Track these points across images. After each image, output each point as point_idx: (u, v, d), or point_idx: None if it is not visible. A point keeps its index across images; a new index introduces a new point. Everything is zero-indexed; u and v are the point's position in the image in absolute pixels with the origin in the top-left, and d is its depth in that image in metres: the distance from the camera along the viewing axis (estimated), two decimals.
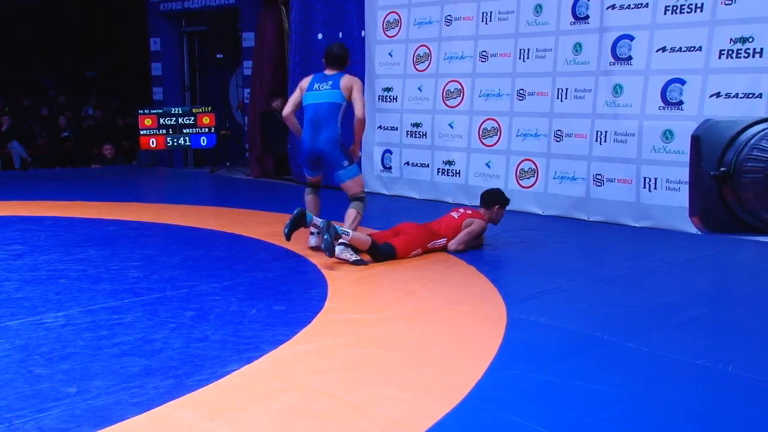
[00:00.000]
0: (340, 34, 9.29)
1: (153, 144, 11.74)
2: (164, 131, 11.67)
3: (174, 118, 11.67)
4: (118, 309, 4.24)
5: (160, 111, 11.83)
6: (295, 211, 5.46)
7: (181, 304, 4.34)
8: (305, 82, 5.97)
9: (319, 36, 9.46)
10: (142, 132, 11.72)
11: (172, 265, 5.35)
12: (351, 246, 5.48)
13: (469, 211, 6.03)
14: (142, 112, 11.82)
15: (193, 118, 11.68)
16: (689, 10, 6.48)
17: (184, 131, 11.66)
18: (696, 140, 1.30)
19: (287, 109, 6.02)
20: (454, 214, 5.99)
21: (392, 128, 8.79)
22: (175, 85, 13.34)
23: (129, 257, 5.59)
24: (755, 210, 1.24)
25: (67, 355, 3.48)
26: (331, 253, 5.25)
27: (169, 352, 3.55)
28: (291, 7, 10.03)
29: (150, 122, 11.67)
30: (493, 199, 6.03)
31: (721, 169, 1.26)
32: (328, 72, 5.92)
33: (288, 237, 5.45)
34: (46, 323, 3.96)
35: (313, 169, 6.04)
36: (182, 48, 13.40)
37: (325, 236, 5.26)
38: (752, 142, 1.24)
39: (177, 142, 11.71)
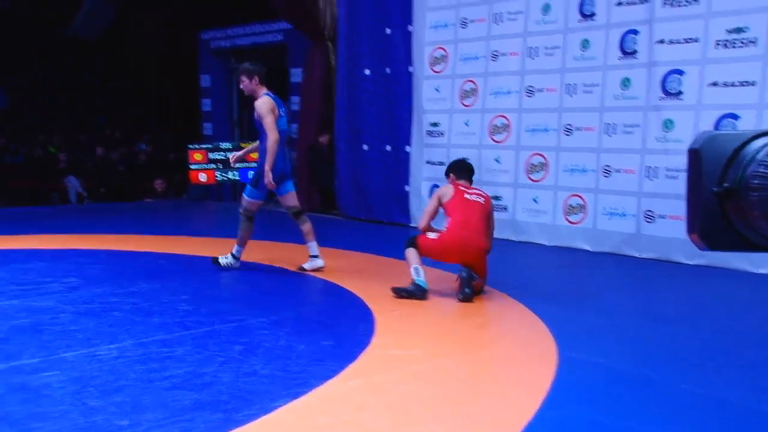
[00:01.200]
0: (388, 70, 9.38)
1: (203, 178, 11.94)
2: (214, 166, 11.87)
3: (223, 153, 11.86)
4: (168, 342, 4.29)
5: (210, 146, 12.05)
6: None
7: (229, 338, 4.37)
8: (274, 106, 6.06)
9: (366, 72, 9.57)
10: (191, 166, 11.94)
11: (220, 299, 5.41)
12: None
13: (482, 200, 5.66)
14: (192, 147, 12.05)
15: None
16: (741, 45, 6.40)
17: (233, 166, 11.84)
18: (695, 154, 1.24)
19: (277, 135, 6.04)
20: (479, 200, 5.60)
21: (439, 163, 8.81)
22: (224, 120, 13.60)
23: (179, 290, 5.66)
24: (762, 228, 1.18)
25: (119, 387, 3.53)
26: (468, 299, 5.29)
27: (219, 386, 3.57)
28: (338, 43, 10.18)
29: (200, 157, 11.89)
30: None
31: (724, 185, 1.21)
32: (272, 94, 6.16)
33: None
34: (99, 355, 4.03)
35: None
36: (231, 84, 13.66)
37: (466, 290, 5.27)
38: (759, 157, 1.17)
39: (226, 176, 11.89)
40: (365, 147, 9.77)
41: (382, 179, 9.60)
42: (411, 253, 5.42)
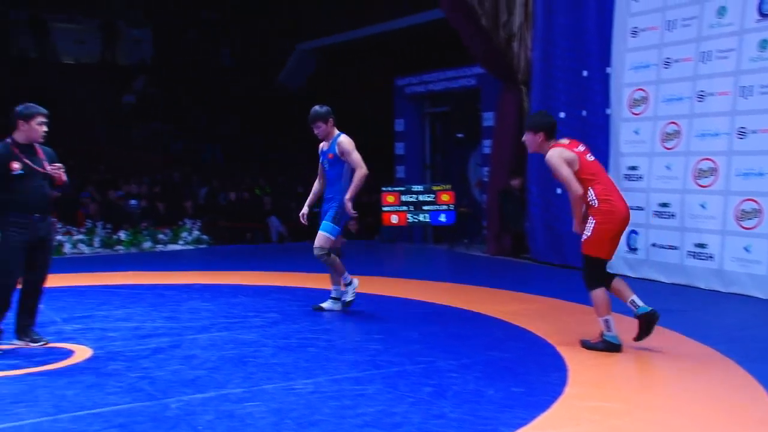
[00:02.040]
0: (584, 113, 9.15)
1: (395, 220, 12.24)
2: (405, 208, 12.13)
3: (415, 196, 12.10)
4: (360, 380, 4.40)
5: (402, 188, 12.34)
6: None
7: (419, 379, 4.40)
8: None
9: (561, 115, 9.39)
10: (384, 208, 12.28)
11: (411, 340, 5.46)
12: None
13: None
14: (385, 189, 12.41)
15: (432, 195, 12.03)
16: None
17: (424, 208, 12.04)
18: None
19: (366, 169, 6.30)
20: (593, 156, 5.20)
21: (638, 208, 8.40)
22: (417, 163, 13.90)
23: (370, 330, 5.80)
24: None
25: (315, 421, 3.65)
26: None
27: (408, 427, 3.59)
28: (532, 87, 10.11)
29: (392, 199, 12.20)
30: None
31: None
32: None
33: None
34: (296, 389, 4.20)
35: None
36: (424, 128, 13.98)
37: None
38: None
39: (417, 218, 12.10)
40: (559, 191, 9.54)
41: None
42: (600, 298, 5.04)
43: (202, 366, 4.70)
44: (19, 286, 5.17)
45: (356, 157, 6.29)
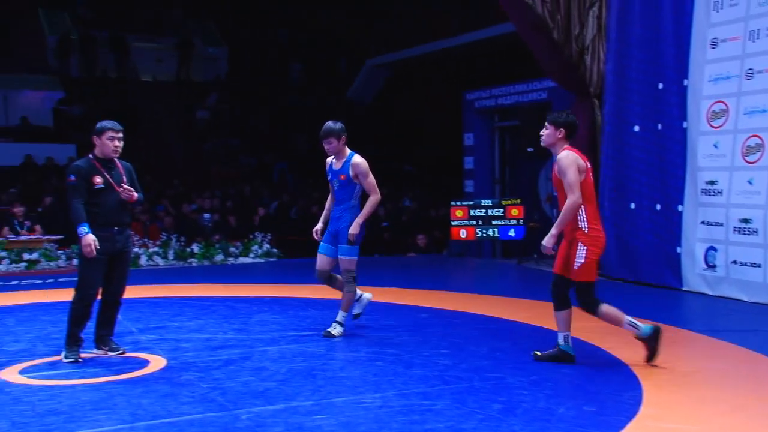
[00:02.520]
0: (659, 126, 8.92)
1: (463, 235, 12.17)
2: (474, 222, 12.05)
3: (484, 210, 12.02)
4: (428, 395, 4.37)
5: (471, 203, 12.28)
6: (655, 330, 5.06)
7: (488, 396, 4.35)
8: None
9: (636, 128, 9.19)
10: (453, 223, 12.23)
11: (479, 355, 5.40)
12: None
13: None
14: (454, 203, 12.37)
15: (502, 209, 11.93)
16: None
17: (493, 222, 11.94)
18: None
19: (379, 194, 6.15)
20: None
21: (717, 224, 8.13)
22: (486, 177, 13.81)
23: (439, 344, 5.76)
24: None
25: None
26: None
27: None
28: (604, 100, 9.92)
29: (461, 213, 12.15)
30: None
31: None
32: None
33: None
34: (365, 403, 4.20)
35: None
36: (494, 142, 13.89)
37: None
38: None
39: (486, 233, 12.01)
40: (632, 205, 9.33)
41: (650, 239, 9.07)
42: (609, 312, 5.13)
43: (272, 378, 4.76)
44: (99, 297, 5.35)
45: (372, 181, 6.10)
